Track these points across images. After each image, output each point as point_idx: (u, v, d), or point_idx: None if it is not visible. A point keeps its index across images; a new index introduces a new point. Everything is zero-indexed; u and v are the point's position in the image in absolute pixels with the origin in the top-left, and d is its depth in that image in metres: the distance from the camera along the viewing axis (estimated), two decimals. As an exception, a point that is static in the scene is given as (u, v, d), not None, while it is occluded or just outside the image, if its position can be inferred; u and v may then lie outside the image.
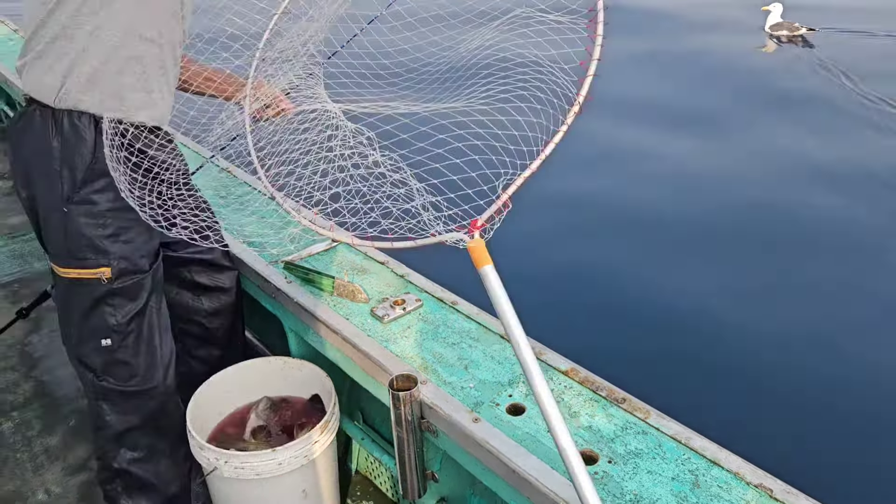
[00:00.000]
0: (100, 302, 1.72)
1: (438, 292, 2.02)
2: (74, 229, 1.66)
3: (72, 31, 1.58)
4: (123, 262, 1.72)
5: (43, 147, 1.65)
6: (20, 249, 3.74)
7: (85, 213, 1.66)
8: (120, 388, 1.81)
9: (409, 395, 1.59)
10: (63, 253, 1.69)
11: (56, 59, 1.61)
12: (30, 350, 2.95)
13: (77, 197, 1.65)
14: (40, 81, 1.63)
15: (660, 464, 1.42)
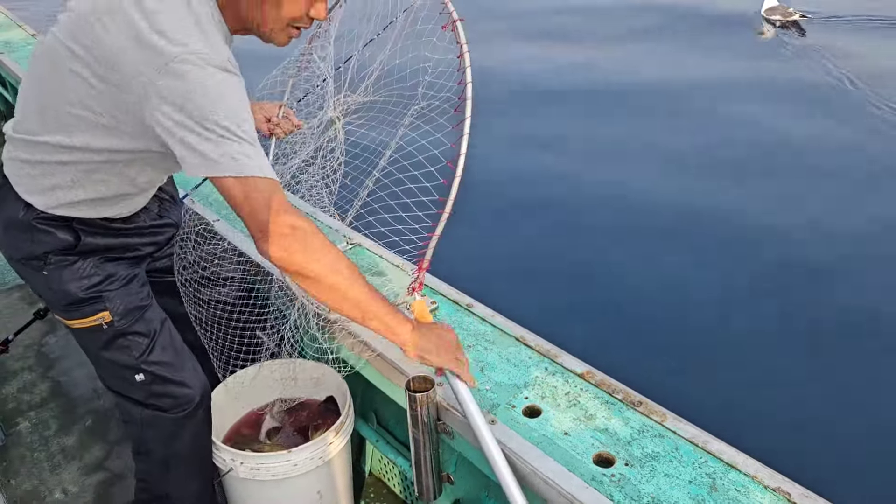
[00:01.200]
0: (113, 344, 1.70)
1: (454, 295, 2.03)
2: (58, 287, 1.63)
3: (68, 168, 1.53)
4: (119, 303, 1.68)
5: (14, 225, 1.60)
6: (37, 251, 3.78)
7: (67, 271, 1.62)
8: (167, 416, 1.78)
9: (426, 397, 1.59)
10: (59, 307, 1.67)
11: (42, 174, 1.54)
12: (46, 351, 2.98)
13: (53, 261, 1.61)
14: (21, 180, 1.57)
15: (677, 467, 1.42)
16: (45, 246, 1.60)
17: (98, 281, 1.65)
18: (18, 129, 1.56)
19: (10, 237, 1.63)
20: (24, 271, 1.68)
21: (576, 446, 1.48)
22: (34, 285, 1.70)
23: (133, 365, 1.71)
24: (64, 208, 1.58)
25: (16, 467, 2.40)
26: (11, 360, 2.91)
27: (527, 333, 1.85)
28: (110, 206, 1.64)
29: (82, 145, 1.48)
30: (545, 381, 1.68)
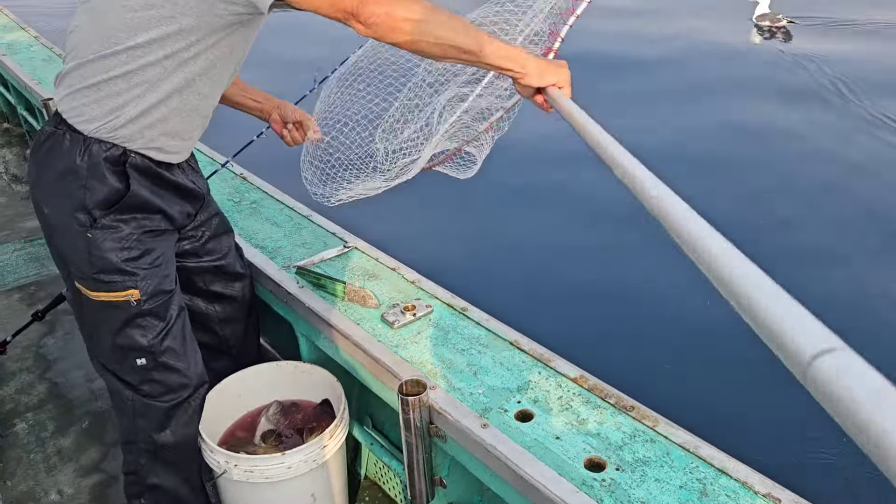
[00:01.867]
0: (130, 323, 1.73)
1: (449, 298, 2.03)
2: (99, 254, 1.65)
3: (132, 76, 1.58)
4: (151, 284, 1.72)
5: (70, 171, 1.63)
6: (36, 253, 3.79)
7: (110, 238, 1.66)
8: (158, 404, 1.81)
9: (418, 401, 1.59)
10: (89, 276, 1.68)
11: (106, 95, 1.60)
12: (44, 352, 2.99)
13: (101, 223, 1.65)
14: (82, 110, 1.62)
15: (668, 472, 1.42)
16: (97, 195, 1.62)
17: (137, 255, 1.69)
18: (77, 57, 1.59)
19: (63, 186, 1.64)
20: (64, 233, 1.68)
21: (567, 451, 1.48)
22: (69, 249, 1.69)
23: (141, 347, 1.74)
24: (126, 130, 1.62)
25: (12, 468, 2.41)
26: (9, 361, 2.92)
27: (521, 337, 1.85)
28: (165, 136, 1.68)
29: (147, 41, 1.53)
30: (538, 385, 1.68)
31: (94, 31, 1.58)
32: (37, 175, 1.72)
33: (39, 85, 4.12)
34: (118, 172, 1.65)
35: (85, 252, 1.66)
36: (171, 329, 1.79)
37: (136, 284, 1.69)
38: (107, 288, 1.68)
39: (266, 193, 2.75)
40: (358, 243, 2.35)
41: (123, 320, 1.72)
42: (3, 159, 5.05)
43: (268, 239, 2.41)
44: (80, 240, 1.65)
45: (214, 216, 2.05)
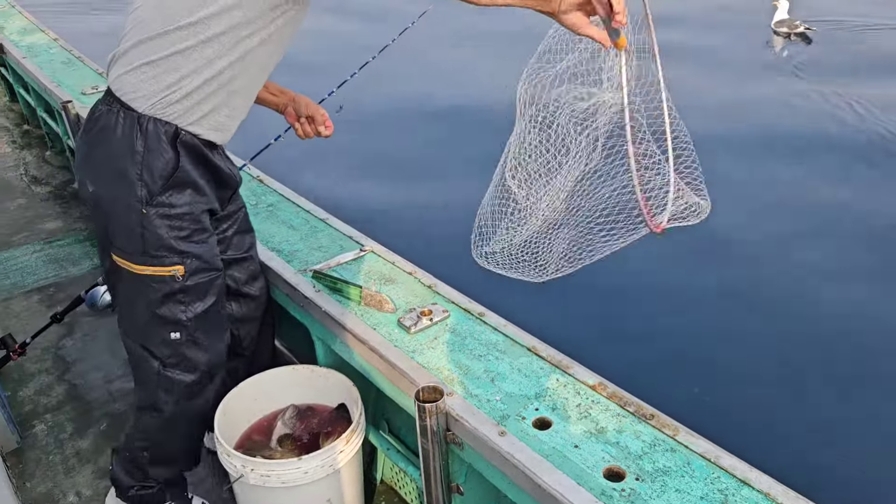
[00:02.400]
0: (171, 297, 1.80)
1: (465, 303, 2.02)
2: (152, 230, 1.73)
3: (192, 52, 1.65)
4: (197, 261, 1.80)
5: (125, 150, 1.69)
6: (56, 254, 3.82)
7: (163, 216, 1.73)
8: (183, 378, 1.89)
9: (436, 407, 1.58)
10: (138, 251, 1.75)
11: (165, 71, 1.66)
12: (63, 354, 3.01)
13: (156, 200, 1.72)
14: (138, 86, 1.68)
15: (688, 482, 1.40)
16: (153, 172, 1.70)
17: (187, 234, 1.77)
18: (137, 35, 1.67)
19: (118, 163, 1.70)
20: (114, 209, 1.74)
21: (586, 459, 1.46)
22: (119, 225, 1.75)
23: (177, 321, 1.82)
24: (179, 106, 1.69)
25: (31, 470, 2.43)
26: (29, 362, 2.95)
27: (538, 343, 1.83)
28: (214, 113, 1.74)
29: (207, 15, 1.60)
30: (556, 392, 1.66)
31: (156, 9, 1.65)
32: (87, 152, 1.78)
33: (59, 87, 4.15)
34: (172, 149, 1.71)
35: (137, 228, 1.72)
36: (210, 309, 1.86)
37: (182, 261, 1.77)
38: (153, 262, 1.75)
39: (283, 196, 2.75)
40: (374, 247, 2.34)
41: (165, 293, 1.79)
42: (24, 161, 5.10)
43: (284, 242, 2.41)
44: (134, 216, 1.72)
45: (241, 209, 2.10)
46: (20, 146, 5.37)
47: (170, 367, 1.87)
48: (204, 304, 1.85)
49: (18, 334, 2.99)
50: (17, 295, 3.44)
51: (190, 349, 1.87)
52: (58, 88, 4.14)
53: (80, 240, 3.97)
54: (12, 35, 5.41)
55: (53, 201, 4.46)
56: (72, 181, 4.70)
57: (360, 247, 2.34)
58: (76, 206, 4.40)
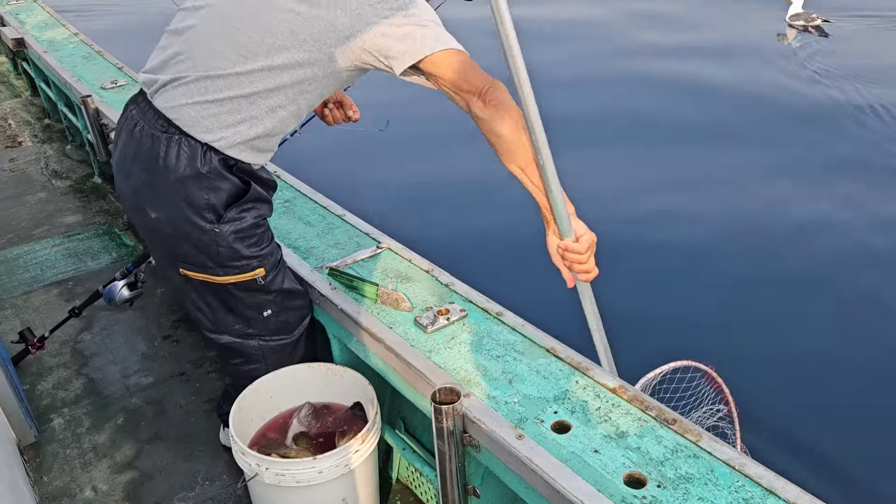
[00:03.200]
0: (257, 291, 1.94)
1: (483, 302, 1.99)
2: (226, 246, 1.83)
3: (256, 98, 1.72)
4: (271, 259, 1.93)
5: (191, 178, 1.76)
6: (75, 248, 3.84)
7: (235, 231, 1.82)
8: (285, 341, 2.07)
9: (452, 409, 1.55)
10: (217, 265, 1.86)
11: (228, 112, 1.73)
12: (81, 348, 3.02)
13: (226, 218, 1.81)
14: (199, 121, 1.74)
15: (712, 490, 1.36)
16: (221, 195, 1.79)
17: (257, 241, 1.88)
18: (201, 68, 1.71)
19: (184, 189, 1.77)
20: (181, 231, 1.81)
21: (606, 465, 1.43)
22: (190, 246, 1.83)
23: (265, 302, 1.97)
24: (238, 148, 1.77)
25: (48, 463, 2.43)
26: (47, 356, 2.96)
27: (557, 345, 1.80)
28: (266, 144, 1.84)
29: (279, 64, 1.67)
30: (575, 394, 1.63)
31: (226, 38, 1.68)
32: (147, 180, 1.81)
33: (79, 82, 4.16)
34: (234, 174, 1.80)
35: (213, 246, 1.82)
36: (286, 277, 2.02)
37: (261, 264, 1.89)
38: (234, 272, 1.87)
39: (299, 192, 2.73)
40: (391, 244, 2.31)
41: (251, 290, 1.93)
42: (44, 155, 5.13)
43: (300, 239, 2.39)
44: (207, 236, 1.81)
45: None
46: (41, 140, 5.40)
47: (269, 336, 2.04)
48: (282, 282, 1.99)
49: (37, 328, 3.01)
50: (36, 289, 3.46)
51: (282, 315, 2.02)
52: (78, 83, 4.15)
53: (98, 234, 3.99)
54: (33, 30, 5.44)
55: (73, 195, 4.49)
56: (91, 175, 4.73)
57: (377, 244, 2.31)
58: (95, 199, 4.42)
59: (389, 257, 2.24)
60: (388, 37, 1.60)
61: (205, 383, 2.78)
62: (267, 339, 2.05)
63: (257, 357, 2.07)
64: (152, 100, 1.82)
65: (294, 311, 2.07)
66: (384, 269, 2.18)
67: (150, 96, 1.83)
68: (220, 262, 1.86)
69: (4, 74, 7.00)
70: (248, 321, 1.99)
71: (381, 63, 1.67)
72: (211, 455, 2.44)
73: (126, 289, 2.72)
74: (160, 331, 3.11)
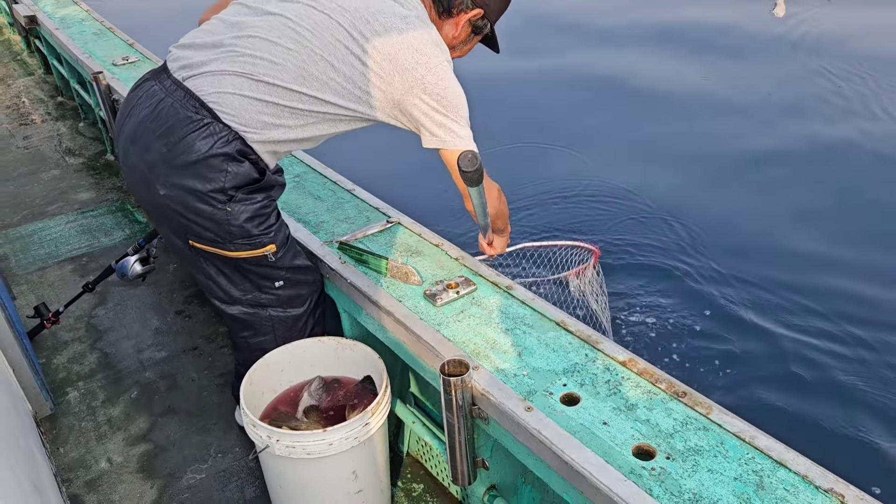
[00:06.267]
0: (268, 266, 1.98)
1: (493, 276, 1.98)
2: (238, 223, 1.86)
3: (296, 113, 1.84)
4: (280, 235, 1.96)
5: (213, 156, 1.80)
6: (89, 224, 3.86)
7: (246, 211, 1.87)
8: (295, 313, 2.09)
9: (461, 381, 1.55)
10: (228, 241, 1.89)
11: (269, 115, 1.82)
12: (95, 323, 3.05)
13: (237, 198, 1.85)
14: (240, 113, 1.81)
15: (721, 462, 1.35)
16: (237, 179, 1.83)
17: (266, 218, 1.92)
18: (260, 71, 1.81)
19: (206, 168, 1.81)
20: (197, 206, 1.84)
21: (615, 437, 1.42)
22: (203, 219, 1.86)
23: (276, 276, 2.01)
24: (265, 145, 1.87)
25: (64, 436, 2.47)
26: (62, 331, 2.99)
27: (567, 318, 1.79)
28: (286, 149, 1.95)
29: (330, 101, 1.84)
30: (585, 367, 1.62)
31: (294, 65, 1.80)
32: (166, 156, 1.83)
33: (91, 58, 4.16)
34: (251, 162, 1.87)
35: (224, 224, 1.86)
36: (296, 253, 2.05)
37: (272, 240, 1.93)
38: (246, 247, 1.91)
39: (309, 167, 2.72)
40: (401, 218, 2.30)
41: (261, 265, 1.97)
42: (58, 132, 5.15)
43: (310, 213, 2.39)
44: (218, 213, 1.84)
45: None
46: (55, 118, 5.42)
47: (280, 307, 2.07)
48: (292, 259, 2.02)
49: (52, 303, 3.04)
50: (51, 265, 3.49)
51: (293, 287, 2.05)
52: (89, 59, 4.15)
53: (112, 210, 4.01)
54: (46, 7, 5.44)
55: (86, 172, 4.51)
56: (104, 152, 4.75)
57: (387, 218, 2.31)
58: (108, 176, 4.44)
59: (399, 231, 2.24)
60: (427, 117, 1.82)
61: (217, 358, 2.80)
62: (278, 310, 2.06)
63: (267, 329, 2.09)
64: (184, 81, 1.83)
65: (305, 286, 2.08)
66: (394, 243, 2.18)
67: (182, 76, 1.84)
68: (231, 238, 1.88)
69: (18, 53, 7.02)
70: (261, 289, 2.03)
71: (411, 128, 1.89)
72: (223, 428, 2.46)
73: (138, 264, 2.73)
74: (173, 306, 3.13)
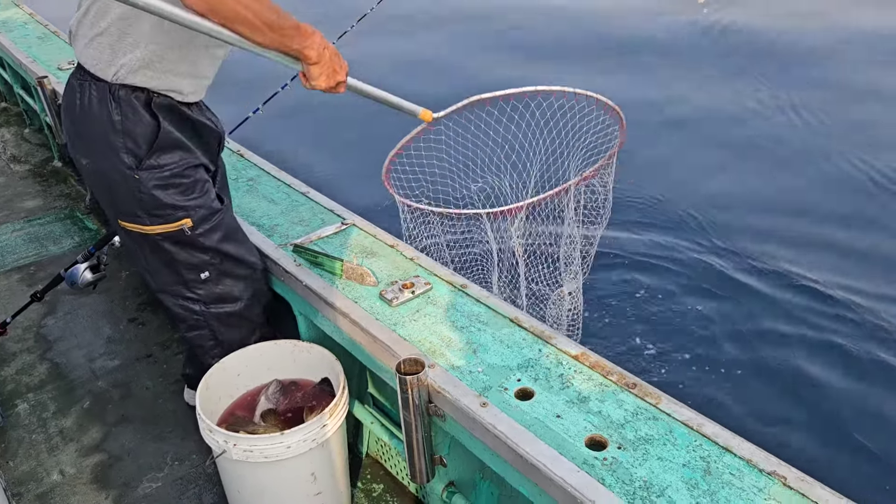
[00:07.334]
0: (188, 246, 1.90)
1: (448, 275, 2.00)
2: (148, 193, 1.79)
3: (137, 21, 1.67)
4: (201, 210, 1.88)
5: (104, 121, 1.74)
6: (36, 233, 3.77)
7: (155, 178, 1.78)
8: (228, 310, 2.03)
9: (417, 379, 1.57)
10: (142, 213, 1.82)
11: (118, 38, 1.69)
12: (45, 333, 2.98)
13: (146, 164, 1.77)
14: (99, 57, 1.71)
15: (670, 450, 1.39)
16: (136, 138, 1.74)
17: (183, 189, 1.83)
18: (87, 14, 1.71)
19: (102, 135, 1.75)
20: (109, 179, 1.79)
21: (568, 429, 1.45)
22: (117, 194, 1.81)
23: (201, 263, 1.93)
24: (142, 73, 1.72)
25: (14, 449, 2.41)
26: (10, 342, 2.91)
27: (521, 314, 1.82)
28: (178, 77, 1.78)
29: None
30: (539, 362, 1.65)
31: None
32: (74, 130, 1.82)
33: (35, 63, 4.06)
34: (149, 113, 1.75)
35: (136, 193, 1.78)
36: (226, 239, 1.96)
37: (186, 214, 1.85)
38: (161, 221, 1.83)
39: (263, 170, 2.71)
40: (356, 220, 2.31)
41: (182, 244, 1.89)
42: (2, 139, 5.00)
43: (265, 217, 2.38)
44: (130, 182, 1.77)
45: (221, 168, 2.12)
46: (-2, 124, 5.27)
47: (212, 303, 2.00)
48: (220, 241, 1.94)
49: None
50: (-3, 274, 3.40)
51: (223, 281, 1.99)
52: (33, 64, 4.05)
53: (60, 217, 3.91)
54: (-14, 10, 5.28)
55: (33, 179, 4.39)
56: (51, 159, 4.63)
57: (342, 220, 2.31)
58: (56, 184, 4.33)
59: (354, 233, 2.24)
60: None
61: (172, 364, 2.76)
62: (209, 306, 2.01)
63: (201, 323, 2.05)
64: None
65: (239, 280, 2.03)
66: (349, 244, 2.18)
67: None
68: (146, 209, 1.82)
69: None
70: (187, 283, 1.96)
71: None
72: (180, 436, 2.43)
73: (88, 272, 2.67)
74: (126, 313, 3.08)
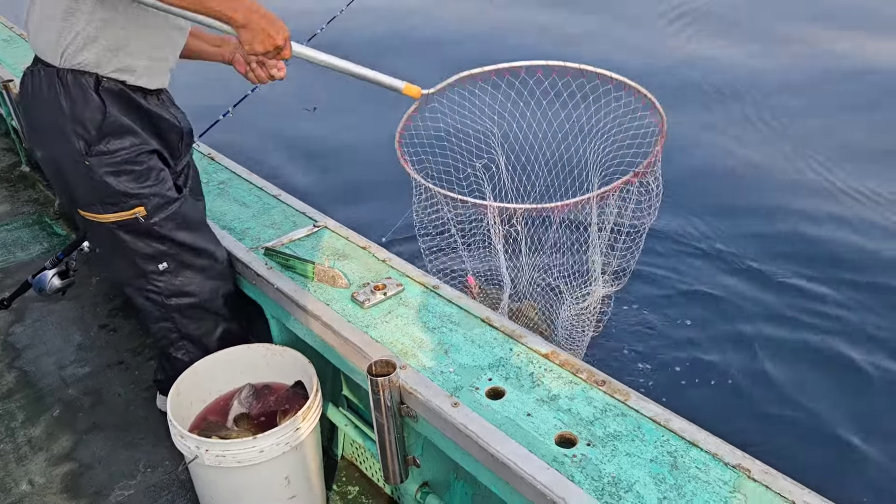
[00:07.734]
0: (144, 235, 1.87)
1: (420, 277, 2.01)
2: (99, 180, 1.76)
3: (80, 2, 1.65)
4: (156, 199, 1.85)
5: (53, 106, 1.72)
6: (3, 239, 3.70)
7: (106, 164, 1.76)
8: (189, 302, 2.01)
9: (388, 381, 1.57)
10: (96, 202, 1.81)
11: (63, 17, 1.66)
12: (12, 340, 2.93)
13: (95, 150, 1.74)
14: (47, 42, 1.71)
15: (638, 446, 1.41)
16: (84, 123, 1.71)
17: (136, 176, 1.81)
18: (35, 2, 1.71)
19: (52, 121, 1.74)
20: (62, 167, 1.78)
21: (538, 427, 1.47)
22: (71, 181, 1.79)
23: (159, 253, 1.91)
24: (89, 54, 1.69)
25: (-19, 459, 2.37)
26: (-23, 350, 2.86)
27: (492, 314, 1.83)
28: (129, 56, 1.75)
29: None
30: (509, 362, 1.67)
31: None
32: (27, 121, 1.83)
33: (0, 66, 4.00)
34: (97, 97, 1.73)
35: (87, 179, 1.76)
36: (184, 230, 1.93)
37: (140, 202, 1.82)
38: (114, 209, 1.81)
39: (234, 174, 2.69)
40: (328, 222, 2.31)
41: (138, 233, 1.87)
42: (-33, 144, 4.92)
43: (236, 220, 2.37)
44: (81, 168, 1.75)
45: (192, 168, 2.12)
46: (-37, 129, 5.17)
47: (172, 296, 1.98)
48: (177, 231, 1.91)
49: (-36, 322, 2.90)
50: (-37, 282, 3.33)
51: (183, 273, 1.97)
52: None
53: (28, 223, 3.85)
54: (-51, 13, 5.18)
55: (0, 185, 4.32)
56: (18, 164, 4.55)
57: (314, 223, 2.31)
58: (23, 188, 4.26)
59: (326, 235, 2.24)
60: None
61: (144, 371, 2.73)
62: (170, 298, 1.99)
63: (163, 316, 2.03)
64: None
65: (199, 272, 2.01)
66: (321, 247, 2.18)
67: None
68: (99, 197, 1.80)
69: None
70: (146, 275, 1.94)
71: None
72: (152, 442, 2.40)
73: (57, 278, 2.63)
74: (96, 320, 3.04)
